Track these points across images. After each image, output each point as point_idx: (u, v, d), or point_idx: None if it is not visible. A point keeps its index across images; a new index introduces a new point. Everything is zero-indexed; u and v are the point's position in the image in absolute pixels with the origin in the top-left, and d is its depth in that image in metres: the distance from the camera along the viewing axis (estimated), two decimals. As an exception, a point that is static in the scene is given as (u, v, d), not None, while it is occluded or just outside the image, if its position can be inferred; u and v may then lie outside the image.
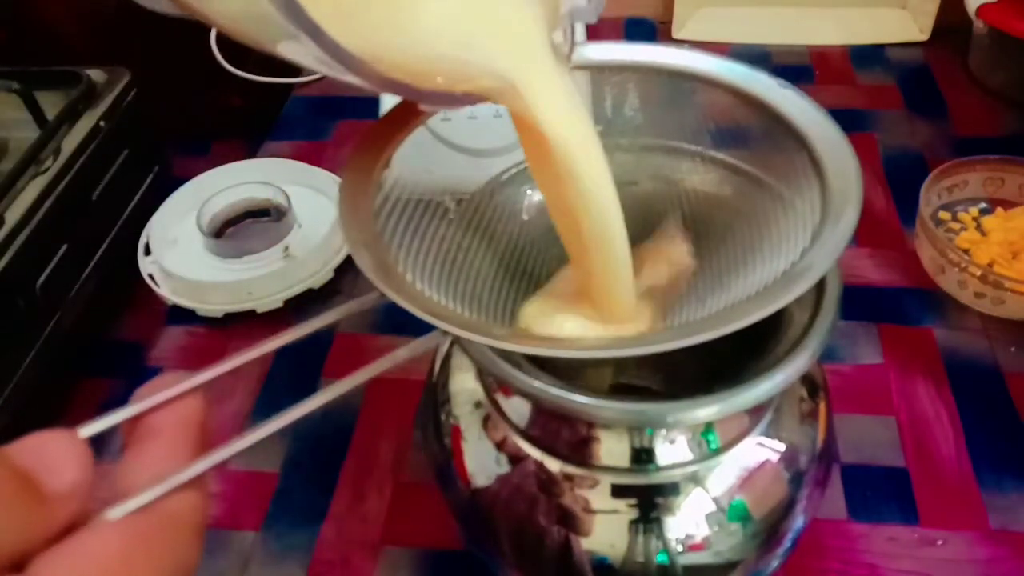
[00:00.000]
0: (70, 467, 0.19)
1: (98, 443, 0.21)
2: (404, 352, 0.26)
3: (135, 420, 0.22)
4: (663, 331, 0.25)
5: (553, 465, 0.32)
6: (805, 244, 0.28)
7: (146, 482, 0.20)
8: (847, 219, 0.28)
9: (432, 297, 0.30)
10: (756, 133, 0.33)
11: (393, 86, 0.22)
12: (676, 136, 0.36)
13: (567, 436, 0.32)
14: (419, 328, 0.28)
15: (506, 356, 0.29)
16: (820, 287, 0.31)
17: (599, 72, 0.35)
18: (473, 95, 0.26)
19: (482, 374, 0.35)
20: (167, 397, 0.23)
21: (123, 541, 0.19)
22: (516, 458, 0.33)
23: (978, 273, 0.51)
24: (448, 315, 0.29)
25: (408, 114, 0.34)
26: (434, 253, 0.32)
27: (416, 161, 0.33)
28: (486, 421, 0.34)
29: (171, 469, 0.21)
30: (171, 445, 0.22)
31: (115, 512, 0.20)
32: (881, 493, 0.45)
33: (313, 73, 0.79)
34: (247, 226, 0.61)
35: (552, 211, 0.31)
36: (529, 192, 0.38)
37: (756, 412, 0.32)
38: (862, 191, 0.29)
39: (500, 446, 0.33)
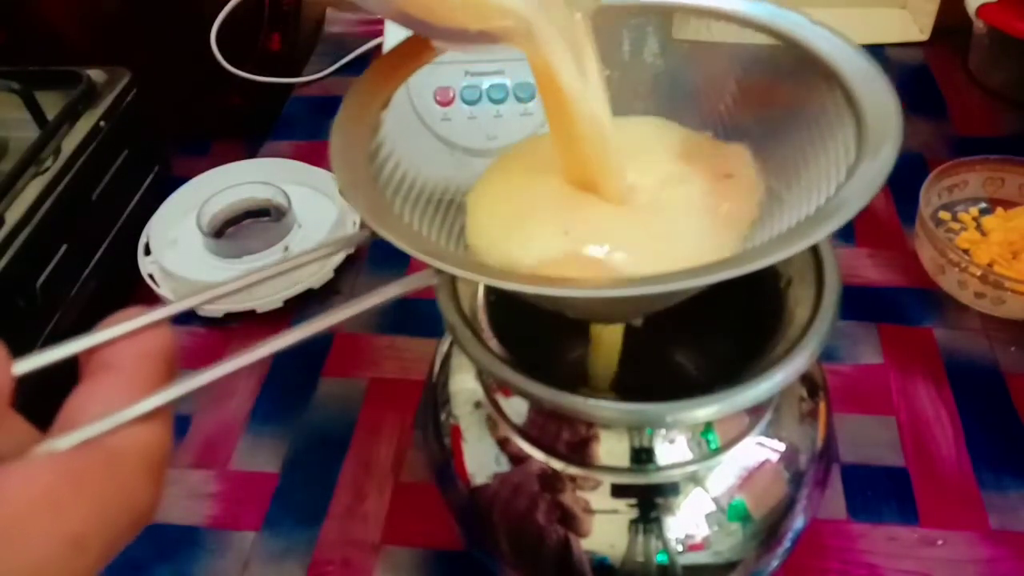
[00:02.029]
0: None
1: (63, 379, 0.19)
2: (396, 288, 0.24)
3: (93, 351, 0.20)
4: (679, 271, 0.23)
5: (553, 465, 0.32)
6: (840, 180, 0.26)
7: (96, 415, 0.18)
8: (885, 154, 0.26)
9: (429, 237, 0.28)
10: (786, 72, 0.31)
11: (409, 20, 0.21)
12: (700, 83, 0.34)
13: (567, 436, 0.32)
14: (418, 328, 0.28)
15: (505, 359, 0.29)
16: (820, 287, 0.31)
17: (617, 13, 0.34)
18: (488, 34, 0.25)
19: (482, 374, 0.35)
20: (129, 328, 0.21)
21: (53, 476, 0.17)
22: (516, 458, 0.33)
23: (978, 273, 0.51)
24: (443, 253, 0.27)
25: (409, 55, 0.32)
26: (428, 193, 0.31)
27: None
28: (486, 421, 0.34)
29: (126, 404, 0.19)
30: (128, 377, 0.20)
31: (55, 444, 0.18)
32: (881, 493, 0.45)
33: (313, 73, 0.79)
34: (247, 226, 0.61)
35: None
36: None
37: (756, 412, 0.32)
38: (901, 126, 0.27)
39: (500, 446, 0.33)
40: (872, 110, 0.28)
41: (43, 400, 0.21)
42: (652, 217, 0.29)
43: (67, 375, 0.21)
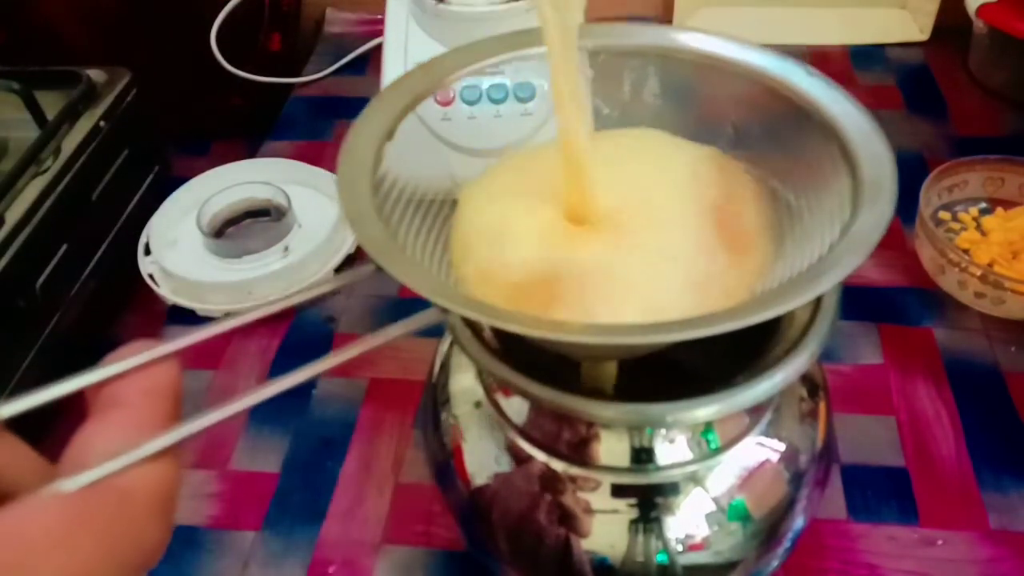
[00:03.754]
0: None
1: (65, 414, 0.20)
2: (397, 329, 0.24)
3: (100, 387, 0.20)
4: (678, 321, 0.24)
5: (553, 465, 0.32)
6: (833, 239, 0.26)
7: (103, 454, 0.18)
8: (880, 211, 0.26)
9: (432, 271, 0.29)
10: (780, 123, 0.32)
11: None
12: (694, 126, 0.34)
13: (567, 436, 0.32)
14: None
15: (505, 359, 0.29)
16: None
17: (617, 56, 0.34)
18: None
19: (482, 374, 0.35)
20: (137, 363, 0.21)
21: (63, 516, 0.17)
22: (516, 458, 0.33)
23: (978, 273, 0.51)
24: (446, 291, 0.27)
25: (412, 86, 0.32)
26: (429, 225, 0.31)
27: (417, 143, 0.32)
28: (486, 421, 0.34)
29: (134, 441, 0.19)
30: (136, 415, 0.20)
31: (65, 485, 0.18)
32: (881, 493, 0.45)
33: (313, 73, 0.79)
34: (247, 226, 0.61)
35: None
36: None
37: (756, 412, 0.32)
38: (896, 183, 0.27)
39: (500, 446, 0.33)
40: (868, 165, 0.28)
41: (44, 425, 0.21)
42: (643, 253, 0.29)
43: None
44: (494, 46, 0.34)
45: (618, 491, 0.31)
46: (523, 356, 0.30)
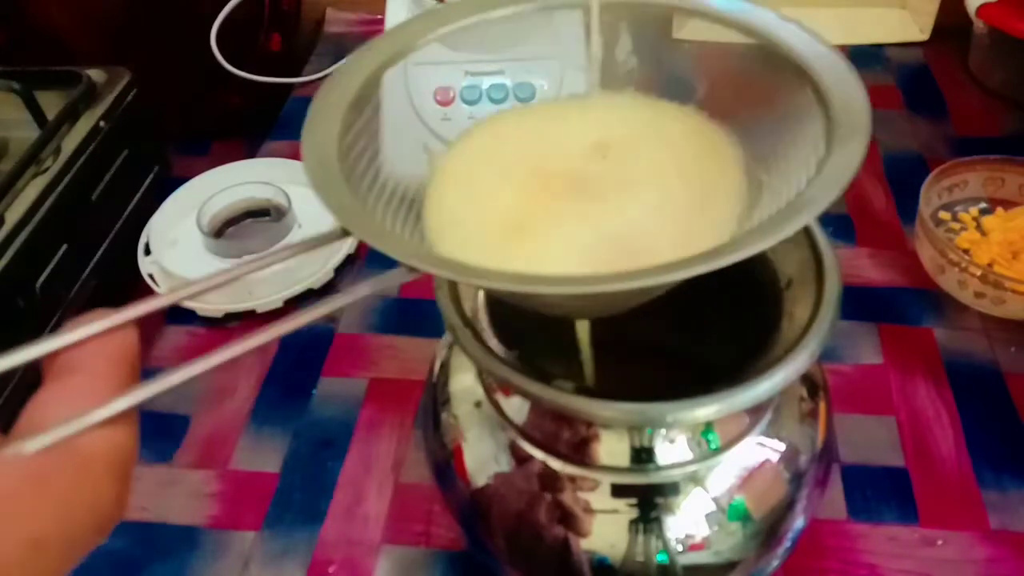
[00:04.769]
0: None
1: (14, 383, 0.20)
2: (366, 288, 0.23)
3: (56, 354, 0.20)
4: (641, 269, 0.23)
5: (553, 465, 0.32)
6: (810, 175, 0.26)
7: (60, 418, 0.19)
8: (854, 148, 0.25)
9: (403, 235, 0.28)
10: (757, 67, 0.31)
11: None
12: (668, 81, 0.33)
13: (567, 436, 0.32)
14: (418, 328, 0.28)
15: (504, 358, 0.29)
16: (820, 287, 0.31)
17: (588, 10, 0.33)
18: None
19: (482, 374, 0.35)
20: (93, 331, 0.20)
21: (21, 477, 0.17)
22: (516, 458, 0.33)
23: (978, 273, 0.51)
24: (417, 251, 0.27)
25: (379, 53, 0.32)
26: (400, 197, 0.30)
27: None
28: (486, 421, 0.34)
29: (91, 406, 0.19)
30: (93, 380, 0.20)
31: (22, 447, 0.18)
32: (881, 493, 0.45)
33: (313, 73, 0.79)
34: (247, 226, 0.61)
35: None
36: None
37: (756, 412, 0.32)
38: (870, 122, 0.26)
39: (500, 446, 0.33)
40: (841, 105, 0.28)
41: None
42: (626, 200, 0.29)
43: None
44: (462, 9, 0.33)
45: (618, 491, 0.31)
46: (522, 354, 0.30)
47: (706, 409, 0.28)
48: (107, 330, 0.21)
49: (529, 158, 0.31)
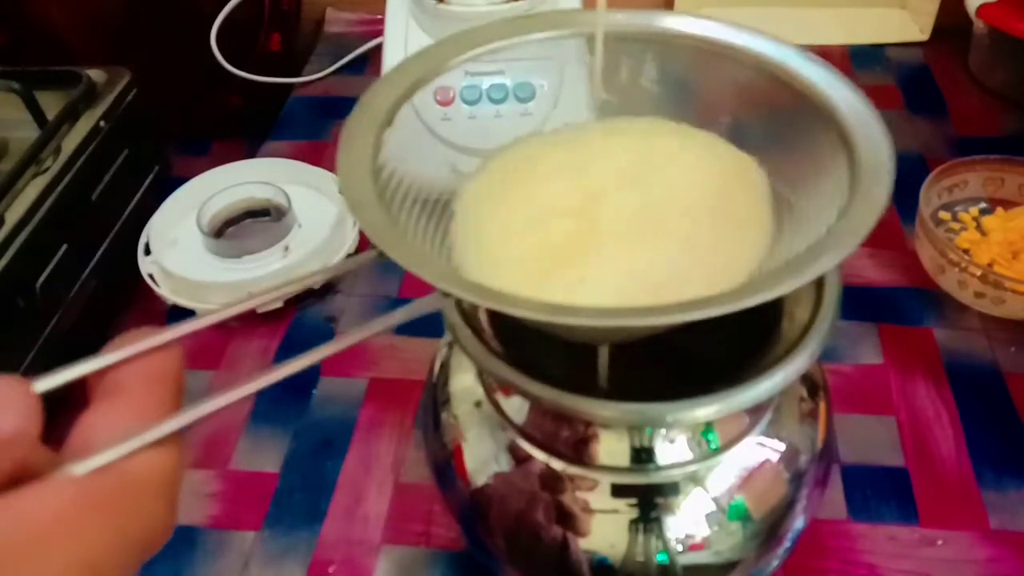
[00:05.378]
0: (13, 412, 0.18)
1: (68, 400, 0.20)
2: (400, 315, 0.24)
3: (102, 373, 0.21)
4: (669, 304, 0.24)
5: (553, 465, 0.32)
6: (831, 223, 0.27)
7: (108, 440, 0.19)
8: (877, 196, 0.26)
9: (433, 257, 0.29)
10: (779, 108, 0.32)
11: None
12: (693, 113, 0.34)
13: (567, 436, 0.32)
14: (418, 328, 0.28)
15: (504, 357, 0.29)
16: (820, 287, 0.31)
17: (616, 42, 0.34)
18: None
19: (482, 374, 0.35)
20: (139, 350, 0.21)
21: (75, 499, 0.18)
22: (516, 458, 0.33)
23: (978, 273, 0.51)
24: (449, 275, 0.27)
25: (410, 74, 0.33)
26: (428, 214, 0.31)
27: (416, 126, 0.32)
28: (486, 421, 0.34)
29: (137, 427, 0.19)
30: (138, 401, 0.20)
31: (74, 469, 0.18)
32: (881, 493, 0.45)
33: (313, 73, 0.79)
34: (247, 226, 0.61)
35: None
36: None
37: (756, 412, 0.32)
38: (894, 167, 0.27)
39: (500, 446, 0.33)
40: (865, 151, 0.28)
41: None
42: (651, 237, 0.30)
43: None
44: (492, 32, 0.34)
45: (618, 491, 0.31)
46: (522, 354, 0.30)
47: (706, 409, 0.28)
48: (152, 348, 0.21)
49: (560, 187, 0.31)
